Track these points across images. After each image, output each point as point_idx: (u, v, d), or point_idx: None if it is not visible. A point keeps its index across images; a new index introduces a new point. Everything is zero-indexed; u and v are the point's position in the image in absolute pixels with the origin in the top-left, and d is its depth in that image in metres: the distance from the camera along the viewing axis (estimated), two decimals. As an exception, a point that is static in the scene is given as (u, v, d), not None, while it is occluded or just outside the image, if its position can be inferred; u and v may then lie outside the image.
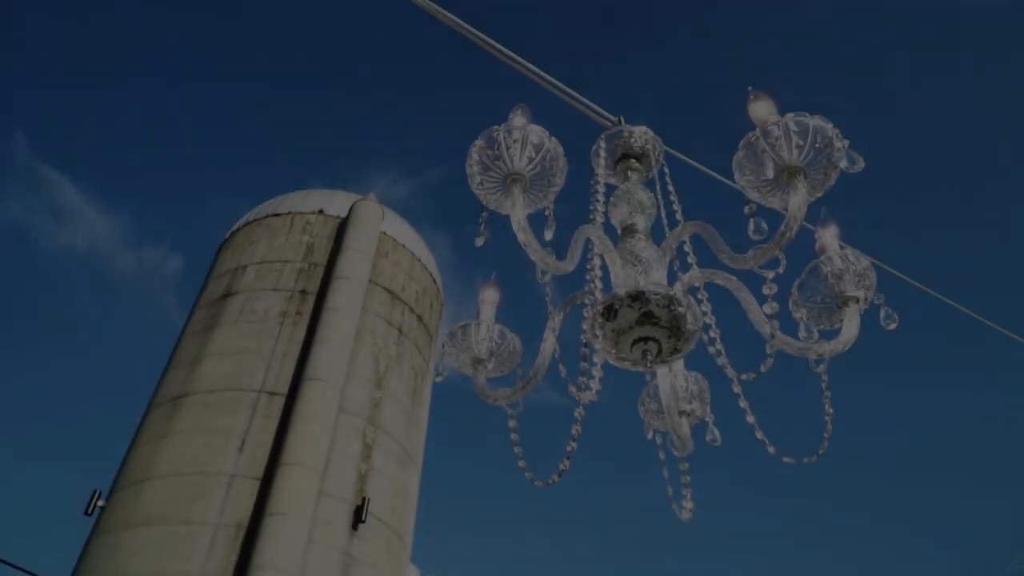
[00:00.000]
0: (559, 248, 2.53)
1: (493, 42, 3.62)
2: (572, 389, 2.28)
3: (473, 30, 3.86)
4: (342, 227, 12.59)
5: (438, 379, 2.76)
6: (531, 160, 2.35)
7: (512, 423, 2.54)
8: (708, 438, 2.74)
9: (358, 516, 9.90)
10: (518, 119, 2.39)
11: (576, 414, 2.33)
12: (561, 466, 2.36)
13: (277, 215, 12.93)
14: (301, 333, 11.12)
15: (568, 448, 2.35)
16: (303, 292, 11.70)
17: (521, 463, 2.46)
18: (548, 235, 2.43)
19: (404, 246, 13.20)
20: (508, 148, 2.33)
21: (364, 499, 10.05)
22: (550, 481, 2.41)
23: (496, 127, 2.37)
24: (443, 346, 2.80)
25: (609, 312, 2.27)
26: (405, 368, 12.01)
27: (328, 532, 9.60)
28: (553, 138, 2.39)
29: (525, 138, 2.35)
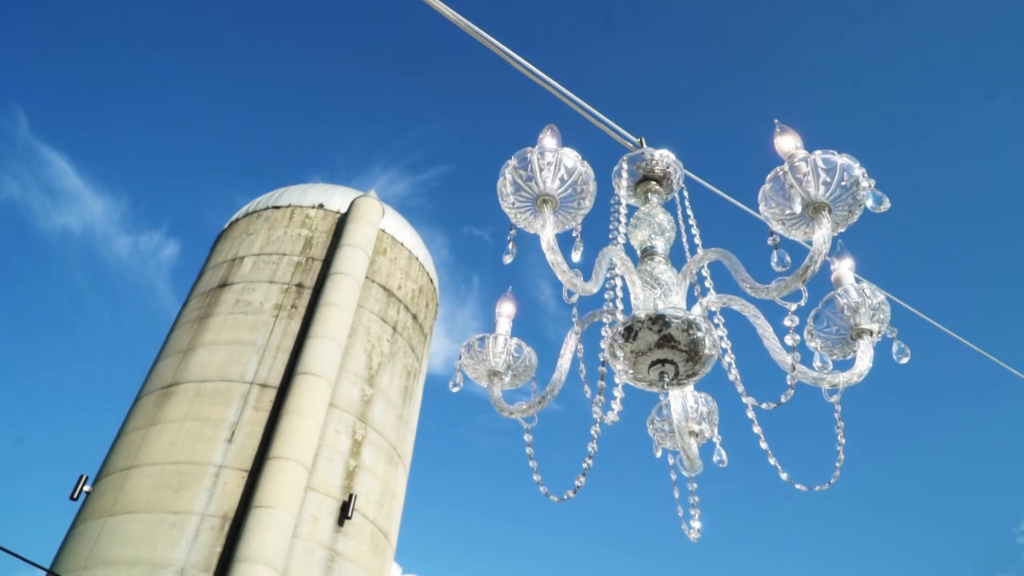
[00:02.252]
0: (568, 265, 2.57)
1: (513, 52, 3.65)
2: (596, 410, 2.32)
3: (492, 39, 3.89)
4: (341, 222, 12.60)
5: (454, 389, 2.79)
6: (563, 182, 2.39)
7: (527, 437, 2.58)
8: (715, 459, 2.79)
9: (344, 512, 9.91)
10: (548, 140, 2.43)
11: (592, 432, 2.37)
12: (577, 482, 2.41)
13: (277, 207, 12.92)
14: (296, 327, 11.12)
15: (584, 465, 2.39)
16: (300, 286, 11.70)
17: (536, 477, 2.50)
18: (576, 257, 2.46)
19: (403, 244, 13.22)
20: (541, 170, 2.37)
21: (351, 495, 10.06)
22: (565, 497, 2.45)
23: (529, 148, 2.41)
24: (460, 357, 2.83)
25: (628, 333, 2.32)
26: (398, 366, 12.03)
27: (313, 527, 9.61)
28: (585, 162, 2.43)
29: (558, 161, 2.39)
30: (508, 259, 2.44)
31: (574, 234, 2.52)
